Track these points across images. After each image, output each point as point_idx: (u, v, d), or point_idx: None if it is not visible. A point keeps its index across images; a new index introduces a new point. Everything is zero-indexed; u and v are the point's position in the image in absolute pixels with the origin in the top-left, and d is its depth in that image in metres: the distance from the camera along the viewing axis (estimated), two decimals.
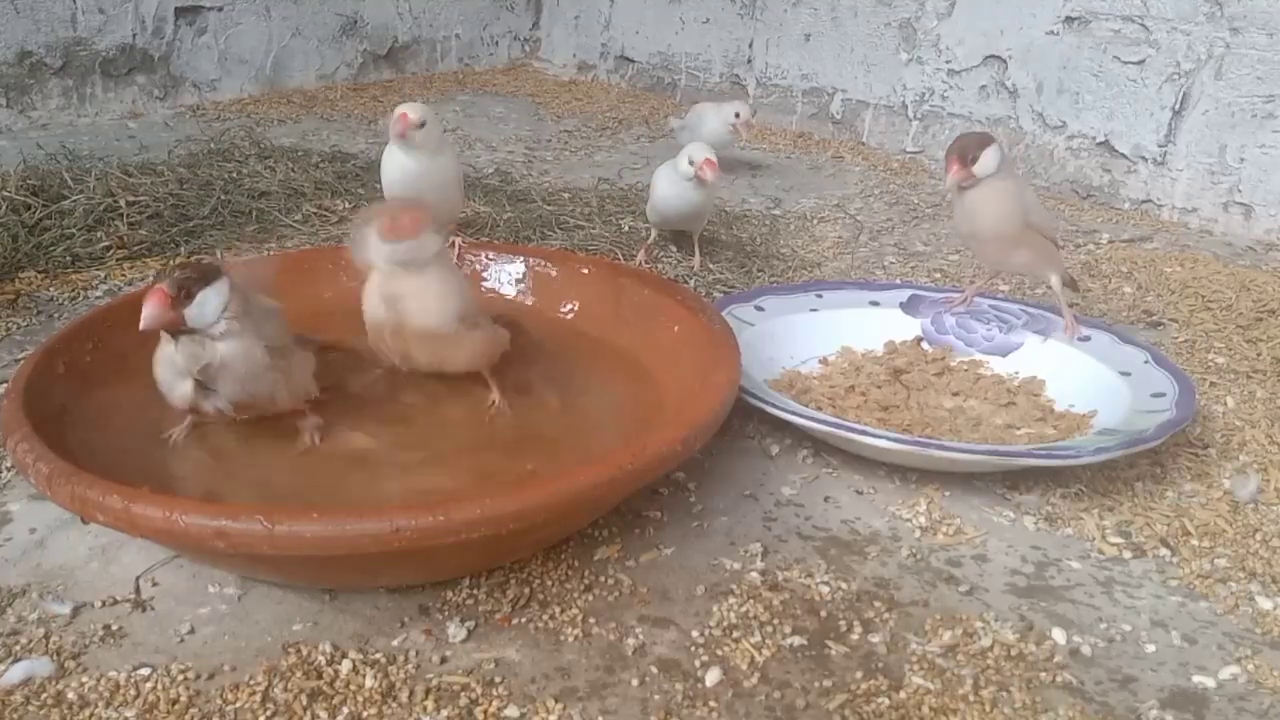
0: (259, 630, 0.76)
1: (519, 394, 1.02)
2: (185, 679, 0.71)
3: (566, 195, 1.69)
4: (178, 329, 0.82)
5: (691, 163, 1.34)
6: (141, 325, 0.80)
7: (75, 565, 0.82)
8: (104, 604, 0.78)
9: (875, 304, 1.23)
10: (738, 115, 1.73)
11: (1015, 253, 1.13)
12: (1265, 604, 0.83)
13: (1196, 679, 0.75)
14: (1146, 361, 1.08)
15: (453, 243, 1.19)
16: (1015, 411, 1.07)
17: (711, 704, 0.71)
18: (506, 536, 0.72)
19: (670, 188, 1.37)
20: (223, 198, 1.55)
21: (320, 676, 0.71)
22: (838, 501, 0.95)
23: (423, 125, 1.19)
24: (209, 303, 0.82)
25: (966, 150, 1.07)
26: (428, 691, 0.70)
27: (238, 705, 0.69)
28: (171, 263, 1.38)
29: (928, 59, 2.03)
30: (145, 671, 0.71)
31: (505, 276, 1.17)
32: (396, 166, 1.22)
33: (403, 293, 0.92)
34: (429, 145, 1.20)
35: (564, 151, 2.04)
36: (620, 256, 1.43)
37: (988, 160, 1.08)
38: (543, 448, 0.93)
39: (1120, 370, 1.08)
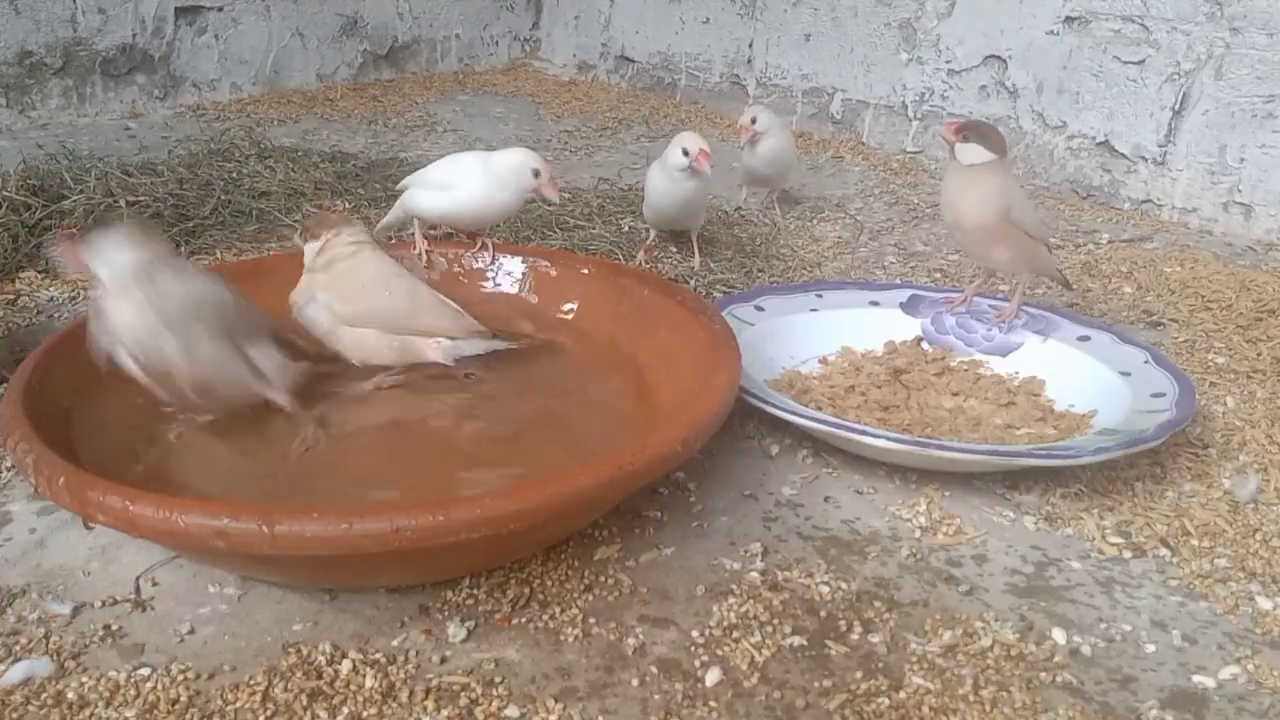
0: (259, 630, 0.76)
1: (518, 394, 1.02)
2: (185, 679, 0.71)
3: (566, 195, 1.69)
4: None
5: (686, 153, 1.32)
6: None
7: (75, 565, 0.82)
8: (104, 604, 0.78)
9: (875, 304, 1.23)
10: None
11: (995, 248, 1.14)
12: (1265, 604, 0.83)
13: (1196, 679, 0.75)
14: (1146, 361, 1.08)
15: (483, 244, 1.19)
16: (1015, 411, 1.07)
17: (711, 704, 0.71)
18: (507, 536, 0.72)
19: (663, 182, 1.36)
20: (223, 198, 1.55)
21: (320, 676, 0.71)
22: (838, 501, 0.95)
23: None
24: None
25: (972, 129, 1.13)
26: (428, 691, 0.70)
27: (238, 705, 0.69)
28: None
29: (928, 59, 2.03)
30: (145, 671, 0.71)
31: (505, 276, 1.17)
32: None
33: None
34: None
35: (564, 151, 2.04)
36: (620, 256, 1.43)
37: (972, 151, 1.12)
38: (541, 447, 0.93)
39: (1120, 370, 1.08)
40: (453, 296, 1.05)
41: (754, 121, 1.57)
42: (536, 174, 1.14)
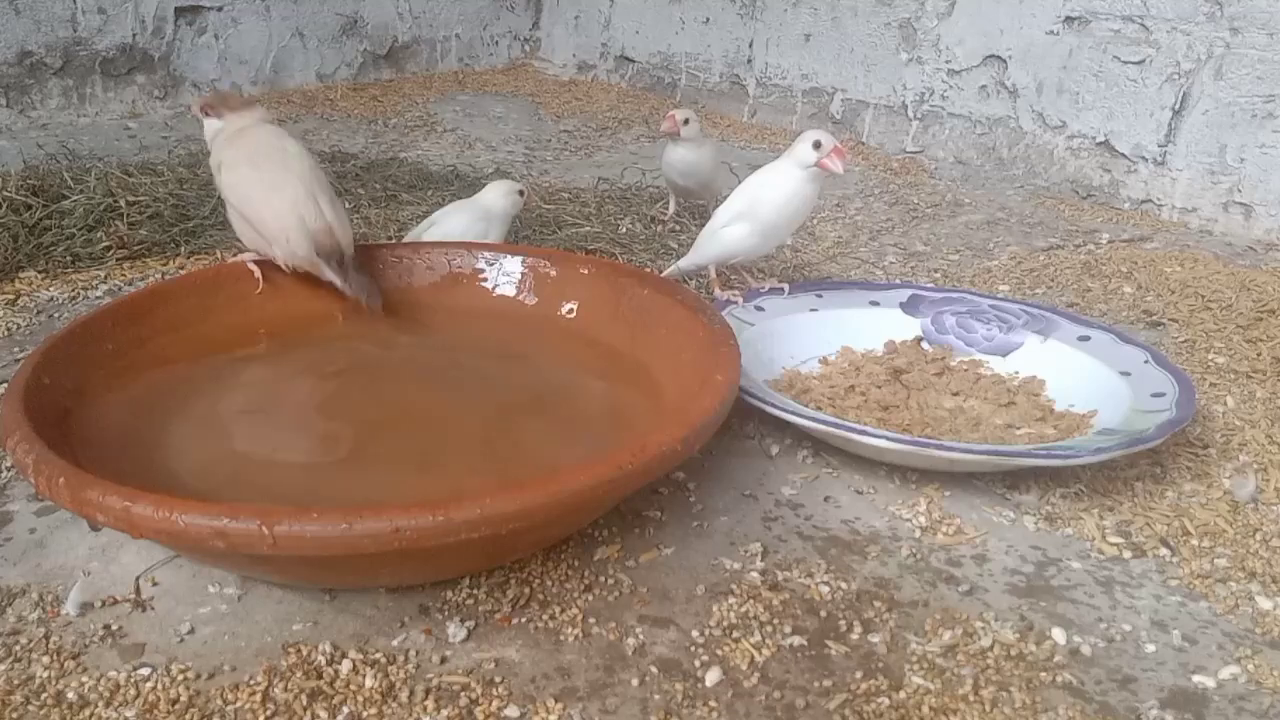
0: (259, 630, 0.76)
1: (517, 393, 1.02)
2: (185, 679, 0.71)
3: (566, 195, 1.69)
4: None
5: (818, 146, 1.13)
6: None
7: (75, 565, 0.82)
8: (104, 604, 0.78)
9: (875, 304, 1.23)
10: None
11: None
12: (1265, 604, 0.83)
13: (1196, 679, 0.75)
14: (1146, 361, 1.08)
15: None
16: (1015, 411, 1.07)
17: (711, 704, 0.71)
18: (506, 536, 0.72)
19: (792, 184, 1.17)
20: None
21: (320, 676, 0.71)
22: (838, 501, 0.95)
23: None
24: None
25: None
26: (428, 691, 0.70)
27: (238, 705, 0.69)
28: (172, 263, 1.39)
29: (928, 59, 2.03)
30: (145, 671, 0.71)
31: (504, 276, 1.17)
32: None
33: None
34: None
35: (564, 151, 2.04)
36: (620, 256, 1.43)
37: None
38: (541, 447, 0.93)
39: (1120, 370, 1.08)
40: (452, 293, 1.05)
41: (686, 122, 1.48)
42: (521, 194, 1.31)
